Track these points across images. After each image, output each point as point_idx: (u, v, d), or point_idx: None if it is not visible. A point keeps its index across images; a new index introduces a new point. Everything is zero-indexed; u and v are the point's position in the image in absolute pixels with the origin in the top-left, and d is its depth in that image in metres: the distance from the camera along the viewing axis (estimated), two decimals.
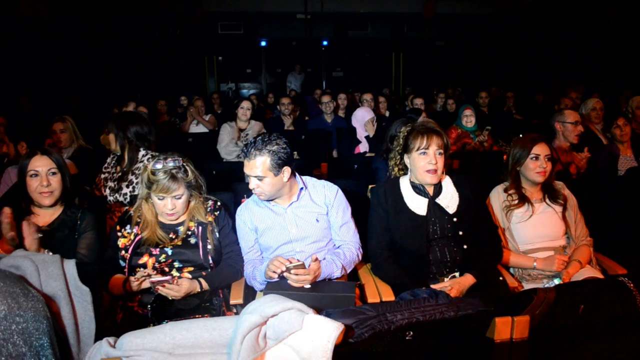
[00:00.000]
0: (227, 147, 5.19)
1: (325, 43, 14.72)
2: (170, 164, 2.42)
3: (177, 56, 13.76)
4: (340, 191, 2.66)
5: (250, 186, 2.46)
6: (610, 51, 11.53)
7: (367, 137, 5.33)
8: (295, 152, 5.25)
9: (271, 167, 2.38)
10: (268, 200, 2.55)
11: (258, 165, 2.38)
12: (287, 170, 2.44)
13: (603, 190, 3.40)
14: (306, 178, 2.67)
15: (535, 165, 2.77)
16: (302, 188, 2.59)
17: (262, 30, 14.14)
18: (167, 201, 2.43)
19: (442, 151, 2.52)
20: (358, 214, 2.77)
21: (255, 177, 2.41)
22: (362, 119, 5.38)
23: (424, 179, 2.54)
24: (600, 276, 2.65)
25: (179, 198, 2.46)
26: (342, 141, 5.55)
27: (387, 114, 7.25)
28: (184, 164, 2.48)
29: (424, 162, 2.51)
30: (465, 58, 14.50)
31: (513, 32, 13.79)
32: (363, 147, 5.35)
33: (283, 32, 14.00)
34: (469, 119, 5.30)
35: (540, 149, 2.77)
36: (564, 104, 6.11)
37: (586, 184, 3.52)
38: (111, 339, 1.64)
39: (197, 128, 6.83)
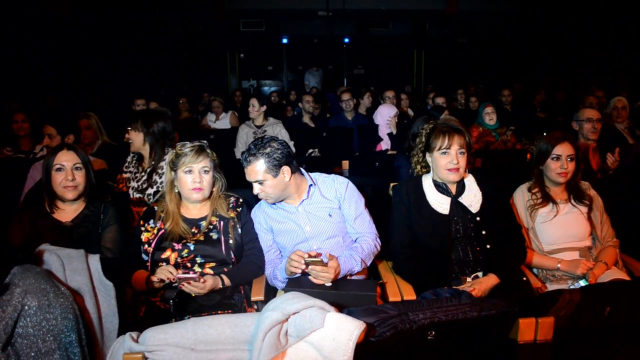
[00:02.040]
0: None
1: (346, 40, 14.68)
2: (196, 143, 2.53)
3: (200, 53, 13.85)
4: (350, 183, 2.66)
5: (254, 192, 2.49)
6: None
7: (389, 135, 5.31)
8: (316, 150, 5.28)
9: (268, 170, 2.40)
10: (277, 202, 2.56)
11: (256, 170, 2.41)
12: (286, 170, 2.45)
13: (629, 191, 3.33)
14: (315, 174, 2.68)
15: (557, 165, 2.73)
16: (311, 185, 2.59)
17: (284, 28, 14.17)
18: (195, 174, 2.49)
19: (464, 150, 2.50)
20: (379, 212, 2.76)
21: (256, 181, 2.44)
22: (385, 116, 5.37)
23: (446, 177, 2.52)
24: (627, 278, 2.60)
25: (207, 172, 2.52)
26: (363, 139, 5.53)
27: (409, 111, 7.21)
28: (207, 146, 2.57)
29: (445, 161, 2.49)
30: (488, 55, 14.33)
31: (536, 28, 13.59)
32: (385, 144, 5.34)
33: (305, 29, 14.01)
34: (490, 117, 5.23)
35: (562, 149, 2.72)
36: (588, 102, 5.99)
37: (612, 184, 3.45)
38: (134, 334, 1.66)
39: (218, 124, 6.88)
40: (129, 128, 3.38)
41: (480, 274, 2.48)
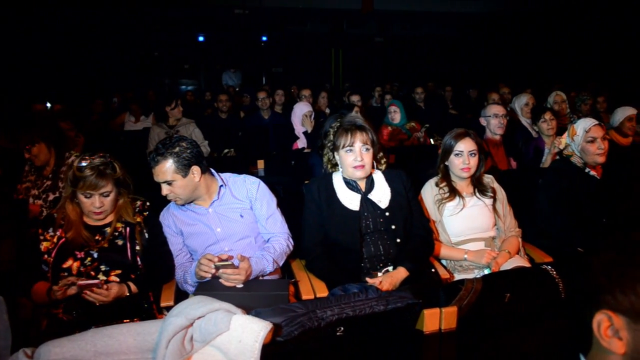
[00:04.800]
0: None
1: (264, 39, 14.60)
2: (97, 161, 2.34)
3: (113, 52, 13.29)
4: (262, 183, 2.64)
5: (163, 193, 2.40)
6: (540, 50, 12.04)
7: (305, 133, 5.32)
8: (232, 150, 5.20)
9: (177, 170, 2.34)
10: (187, 203, 2.50)
11: (164, 170, 2.34)
12: (196, 170, 2.40)
13: (530, 183, 3.51)
14: (226, 175, 2.63)
15: (460, 161, 2.82)
16: (221, 185, 2.55)
17: (200, 25, 13.87)
18: (95, 199, 2.34)
19: (368, 147, 2.54)
20: (295, 211, 2.75)
21: (165, 182, 2.36)
22: (299, 114, 5.38)
23: (352, 174, 2.55)
24: (528, 265, 2.74)
25: (107, 195, 2.38)
26: (280, 137, 5.51)
27: (327, 110, 7.26)
28: (112, 160, 2.40)
29: (350, 158, 2.52)
30: (404, 54, 14.73)
31: (451, 28, 14.13)
32: (301, 143, 5.34)
33: (221, 27, 13.78)
34: (393, 116, 5.39)
35: (464, 145, 2.82)
36: (491, 98, 6.29)
37: (515, 177, 3.63)
38: (29, 350, 1.54)
39: (138, 125, 6.61)
40: (27, 147, 3.19)
41: (391, 268, 2.52)
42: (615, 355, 0.98)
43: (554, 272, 2.08)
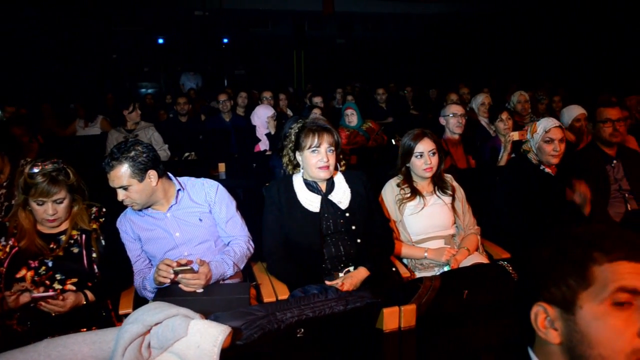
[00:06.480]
0: None
1: (225, 41, 14.49)
2: (49, 167, 2.28)
3: (68, 53, 12.93)
4: (221, 186, 2.62)
5: (119, 198, 2.36)
6: (499, 50, 12.31)
7: (267, 135, 5.31)
8: (192, 153, 5.14)
9: (133, 174, 2.30)
10: (144, 208, 2.46)
11: (119, 175, 2.29)
12: (153, 174, 2.37)
13: (488, 181, 3.59)
14: (183, 178, 2.61)
15: (421, 162, 2.85)
16: (179, 189, 2.52)
17: (159, 27, 13.66)
18: (48, 206, 2.28)
19: (333, 148, 2.54)
20: (256, 213, 2.73)
21: (121, 187, 2.32)
22: (262, 117, 5.36)
23: (317, 175, 2.54)
24: (487, 262, 2.79)
25: (61, 202, 2.32)
26: (241, 140, 5.48)
27: (289, 111, 7.26)
28: (65, 166, 2.34)
29: (315, 159, 2.51)
30: (365, 55, 14.85)
31: (411, 29, 14.31)
32: (263, 145, 5.33)
33: (181, 29, 13.60)
34: (350, 119, 5.40)
35: (423, 146, 2.85)
36: (450, 98, 6.39)
37: (473, 175, 3.70)
38: None
39: (88, 130, 6.45)
40: None
41: (352, 268, 2.54)
42: (552, 346, 1.03)
43: (510, 268, 2.13)
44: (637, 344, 0.92)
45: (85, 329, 2.17)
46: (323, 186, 2.61)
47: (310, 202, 2.56)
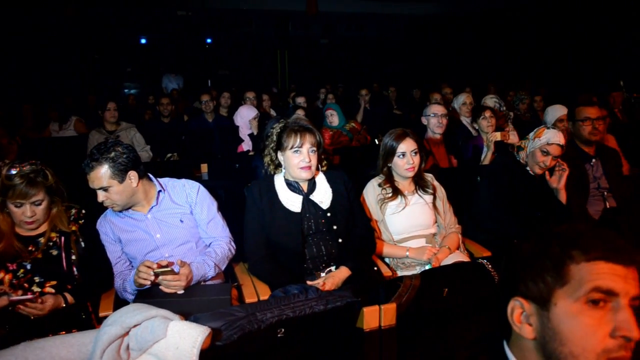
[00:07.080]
0: None
1: (209, 41, 14.42)
2: (27, 168, 2.25)
3: (48, 53, 12.75)
4: (202, 187, 2.61)
5: (99, 199, 2.35)
6: (482, 50, 12.42)
7: (250, 135, 5.30)
8: (175, 154, 5.11)
9: (113, 175, 2.29)
10: (125, 210, 2.44)
11: (99, 176, 2.28)
12: (133, 175, 2.36)
13: (469, 180, 3.62)
14: (164, 179, 2.60)
15: (403, 162, 2.87)
16: (160, 191, 2.52)
17: (142, 27, 13.54)
18: (26, 208, 2.26)
19: (315, 149, 2.54)
20: (238, 214, 2.72)
21: (100, 188, 2.31)
22: (245, 117, 5.35)
23: (298, 175, 2.54)
24: (468, 260, 2.81)
25: (39, 204, 2.30)
26: (224, 140, 5.46)
27: (272, 112, 7.23)
28: (43, 168, 2.31)
29: (297, 159, 2.51)
30: (349, 56, 14.87)
31: (394, 30, 14.37)
32: (246, 145, 5.31)
33: (163, 29, 13.50)
34: (331, 119, 5.44)
35: (406, 146, 2.86)
36: (433, 98, 6.43)
37: (454, 175, 3.72)
38: None
39: (62, 132, 6.33)
40: None
41: (333, 268, 2.54)
42: (527, 341, 1.05)
43: (489, 266, 2.15)
44: (608, 344, 0.94)
45: (64, 332, 2.14)
46: (304, 186, 2.61)
47: (292, 202, 2.56)
